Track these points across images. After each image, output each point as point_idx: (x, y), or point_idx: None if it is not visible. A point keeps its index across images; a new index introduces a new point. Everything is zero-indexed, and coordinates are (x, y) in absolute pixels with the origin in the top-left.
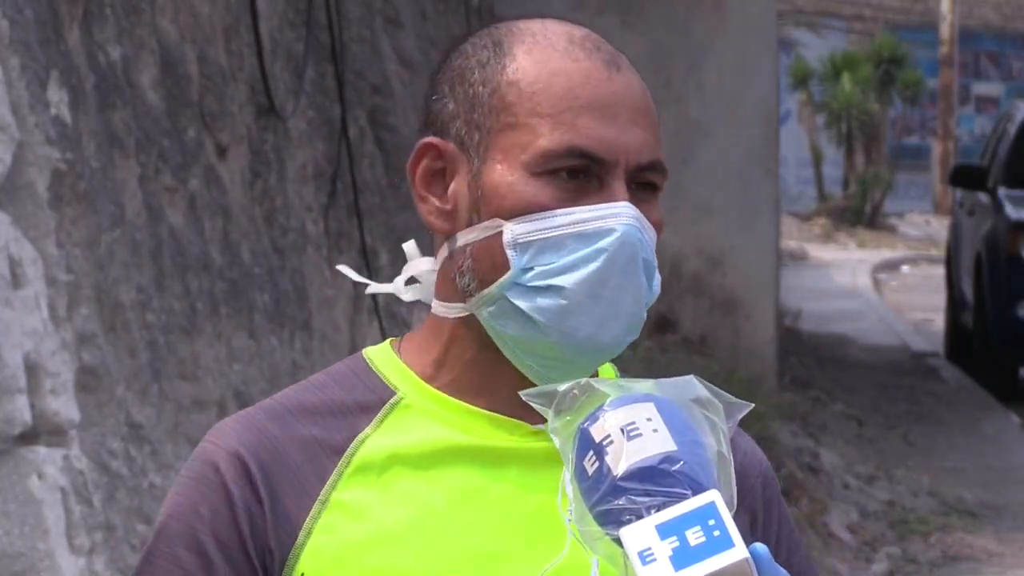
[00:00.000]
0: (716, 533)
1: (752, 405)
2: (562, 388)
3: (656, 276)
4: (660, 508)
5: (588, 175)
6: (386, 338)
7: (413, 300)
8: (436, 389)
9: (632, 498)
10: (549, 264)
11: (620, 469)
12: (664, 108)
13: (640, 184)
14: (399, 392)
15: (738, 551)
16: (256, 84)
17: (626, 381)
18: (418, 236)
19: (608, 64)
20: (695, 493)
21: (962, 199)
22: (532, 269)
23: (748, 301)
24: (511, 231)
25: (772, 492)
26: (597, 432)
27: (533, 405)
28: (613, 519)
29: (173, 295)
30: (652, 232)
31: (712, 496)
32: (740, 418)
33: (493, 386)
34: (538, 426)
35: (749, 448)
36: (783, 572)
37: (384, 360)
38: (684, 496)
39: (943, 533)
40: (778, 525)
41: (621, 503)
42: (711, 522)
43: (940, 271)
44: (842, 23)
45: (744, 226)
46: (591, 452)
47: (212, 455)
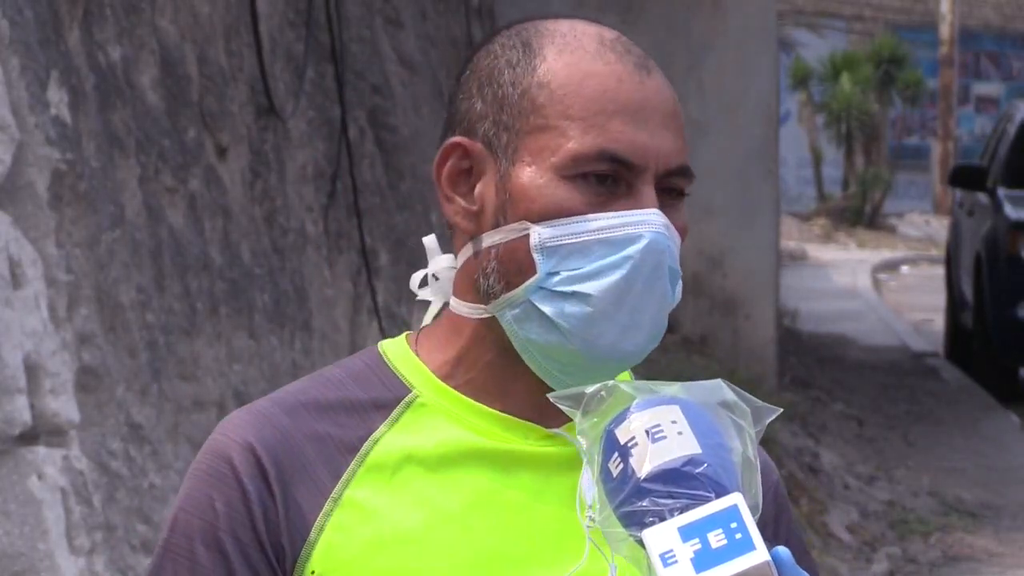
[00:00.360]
0: (738, 536)
1: (780, 410)
2: (589, 390)
3: (678, 288)
4: (683, 510)
5: (617, 180)
6: (385, 338)
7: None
8: (452, 388)
9: (655, 500)
10: (576, 269)
11: (644, 471)
12: None
13: (666, 189)
14: (415, 390)
15: (759, 554)
16: (256, 84)
17: (653, 384)
18: (418, 236)
19: (639, 67)
20: (718, 496)
21: (962, 199)
22: (558, 274)
23: (748, 301)
24: (538, 234)
25: (783, 503)
26: (622, 434)
27: (560, 407)
28: (636, 520)
29: (173, 295)
30: (678, 238)
31: (735, 499)
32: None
33: (510, 389)
34: (552, 430)
35: (762, 459)
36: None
37: (400, 356)
38: (707, 499)
39: (943, 533)
40: (787, 532)
41: (644, 505)
42: (733, 525)
43: (940, 271)
44: (842, 23)
45: (744, 226)
46: (616, 454)
47: (225, 448)
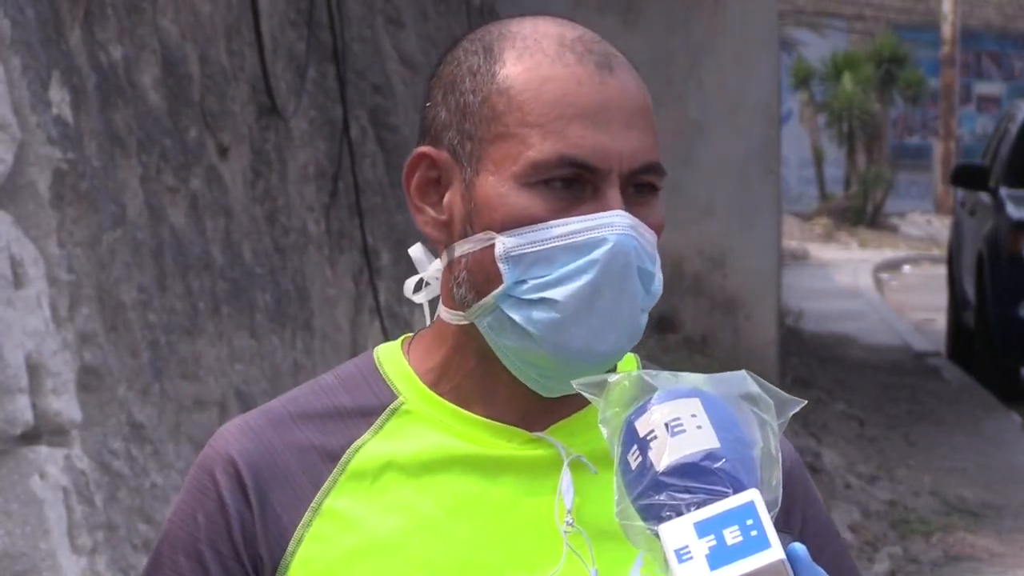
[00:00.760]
0: (753, 533)
1: (804, 402)
2: (612, 379)
3: (658, 277)
4: (700, 505)
5: (581, 184)
6: (387, 338)
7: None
8: (438, 395)
9: (672, 494)
10: (542, 277)
11: (662, 465)
12: (665, 108)
13: (638, 186)
14: (401, 397)
15: (774, 552)
16: (257, 84)
17: (676, 374)
18: (419, 237)
19: (600, 67)
20: (736, 491)
21: (963, 199)
22: (525, 282)
23: (749, 301)
24: (503, 244)
25: (797, 488)
26: (642, 426)
27: (584, 394)
28: (654, 514)
29: (174, 295)
30: (651, 235)
31: (751, 496)
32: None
33: (493, 394)
34: (536, 434)
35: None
36: (822, 573)
37: (392, 362)
38: (724, 494)
39: (945, 533)
40: (803, 521)
41: (662, 499)
42: (749, 522)
43: (942, 271)
44: (843, 23)
45: (745, 226)
46: (635, 446)
47: (210, 462)
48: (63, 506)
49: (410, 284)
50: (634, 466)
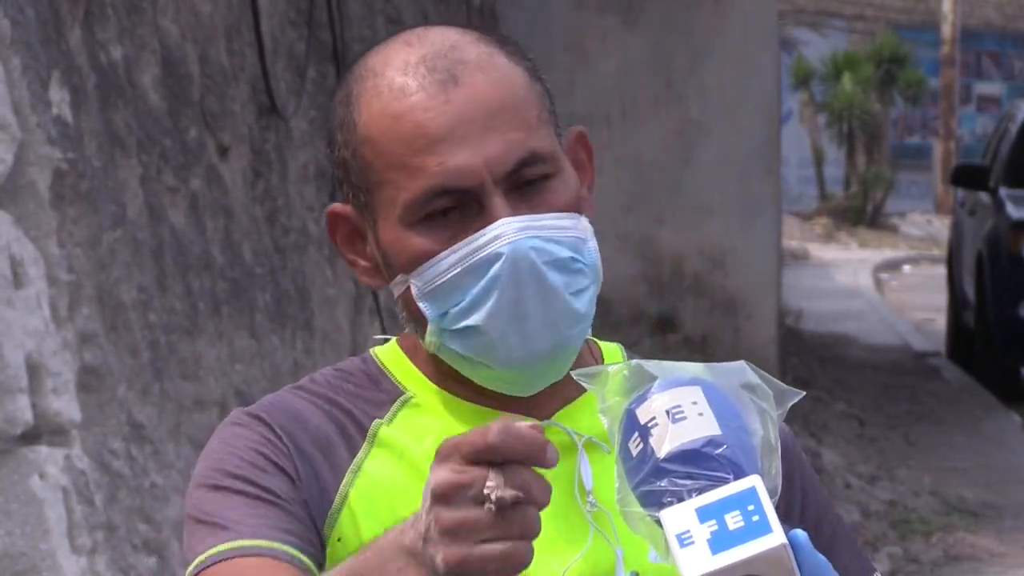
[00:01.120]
0: (755, 518)
1: (803, 393)
2: (612, 369)
3: (588, 247)
4: (701, 491)
5: (464, 206)
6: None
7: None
8: (443, 390)
9: (674, 480)
10: (458, 304)
11: (663, 451)
12: (665, 108)
13: (525, 183)
14: (408, 391)
15: (775, 537)
16: (257, 84)
17: (676, 364)
18: None
19: (444, 84)
20: (737, 478)
21: (963, 199)
22: (447, 314)
23: (749, 301)
24: (415, 286)
25: (794, 462)
26: (643, 414)
27: (583, 385)
28: (655, 500)
29: (175, 295)
30: (555, 220)
31: (753, 481)
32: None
33: (488, 391)
34: (545, 422)
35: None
36: (822, 559)
37: (392, 360)
38: (726, 480)
39: (945, 533)
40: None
41: (663, 485)
42: (751, 507)
43: (941, 271)
44: (843, 23)
45: (745, 226)
46: (636, 433)
47: (235, 420)
48: (63, 506)
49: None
50: (635, 453)
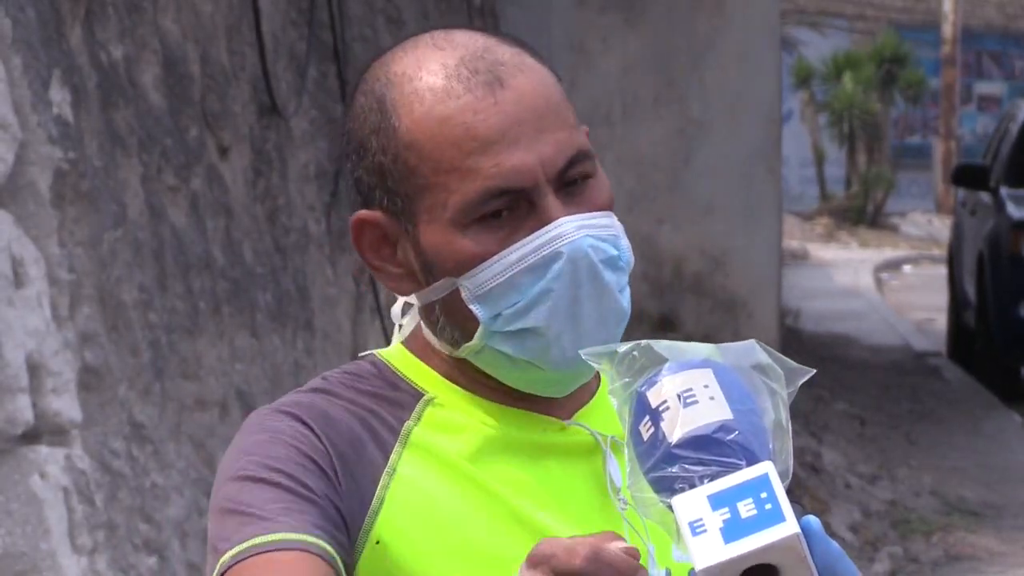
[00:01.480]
0: (768, 507)
1: (813, 371)
2: (622, 349)
3: (623, 246)
4: (713, 478)
5: (516, 206)
6: (388, 338)
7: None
8: (462, 389)
9: (686, 466)
10: (514, 305)
11: (675, 437)
12: (666, 107)
13: (569, 182)
14: (428, 392)
15: (789, 526)
16: (258, 83)
17: (686, 344)
18: None
19: (490, 86)
20: (749, 464)
21: (964, 198)
22: (500, 315)
23: (750, 301)
24: (466, 288)
25: None
26: (654, 397)
27: (592, 364)
28: (667, 486)
29: (175, 294)
30: (603, 218)
31: (766, 468)
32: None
33: (511, 392)
34: (568, 422)
35: None
36: (835, 546)
37: (404, 362)
38: (738, 466)
39: (945, 533)
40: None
41: (675, 471)
42: (763, 495)
43: (942, 271)
44: (844, 22)
45: (746, 225)
46: (647, 417)
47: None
48: (63, 506)
49: (397, 309)
50: (646, 437)
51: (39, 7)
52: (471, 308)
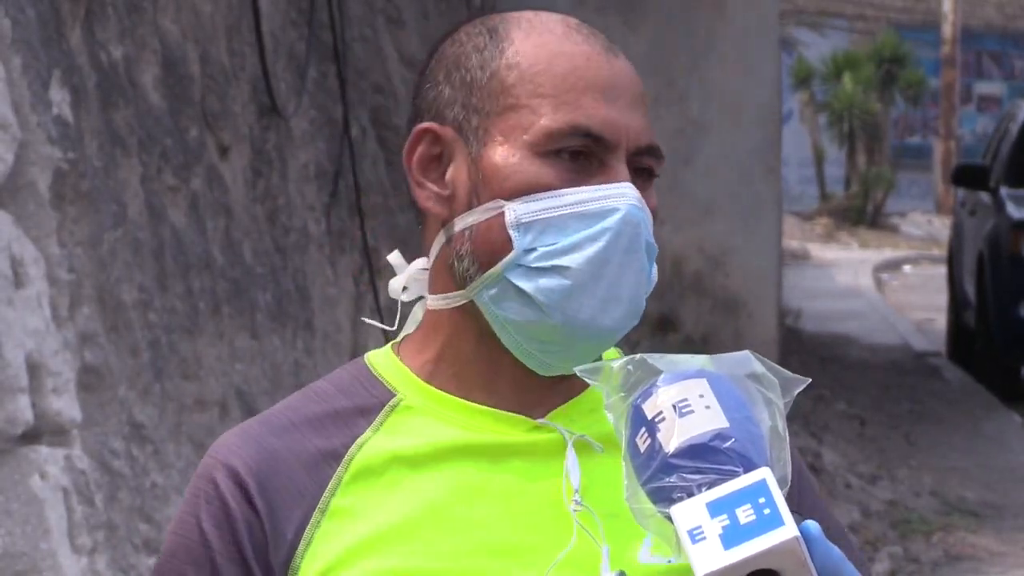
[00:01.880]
0: (766, 511)
1: (808, 380)
2: (616, 364)
3: (654, 266)
4: (711, 486)
5: (589, 156)
6: (388, 337)
7: (413, 299)
8: (436, 388)
9: (683, 475)
10: (552, 244)
11: (671, 446)
12: (666, 107)
13: (636, 170)
14: (399, 394)
15: (788, 530)
16: (258, 83)
17: (680, 356)
18: (419, 236)
19: (606, 50)
20: (746, 471)
21: (964, 199)
22: (535, 250)
23: (750, 301)
24: (513, 211)
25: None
26: (649, 409)
27: (586, 380)
28: (664, 496)
29: (175, 294)
30: (650, 215)
31: (763, 474)
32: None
33: (493, 380)
34: (540, 420)
35: None
36: (835, 550)
37: (384, 363)
38: (736, 473)
39: (945, 533)
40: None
41: (672, 480)
42: (761, 500)
43: (942, 271)
44: (844, 22)
45: (746, 226)
46: (643, 429)
47: (210, 470)
48: (63, 506)
49: (395, 285)
50: (643, 449)
51: (39, 7)
52: (509, 233)
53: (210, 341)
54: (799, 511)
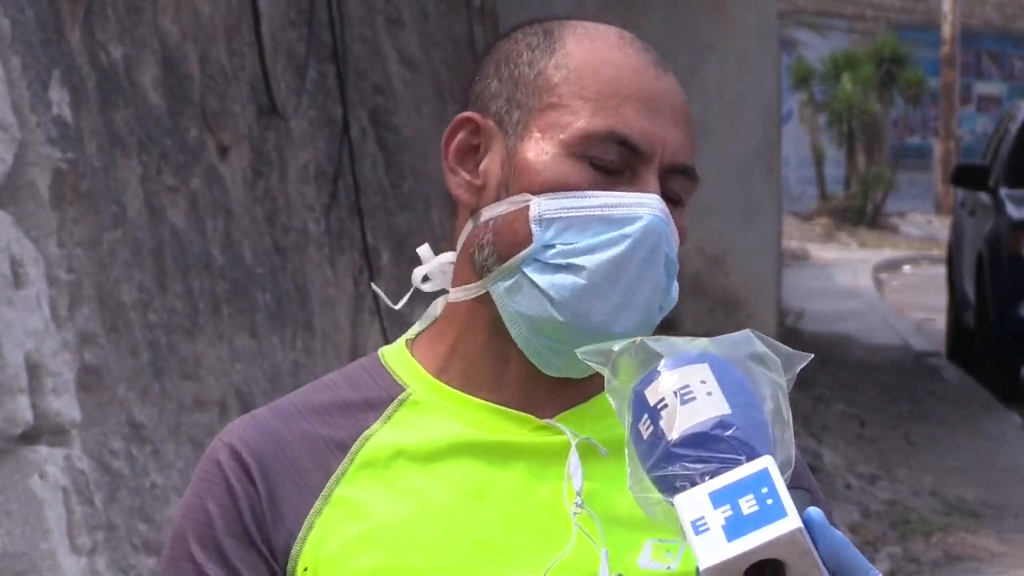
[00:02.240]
0: (769, 502)
1: (811, 356)
2: (618, 347)
3: (675, 285)
4: (714, 474)
5: (622, 166)
6: (387, 337)
7: (435, 291)
8: (445, 384)
9: (686, 465)
10: (571, 244)
11: (674, 435)
12: None
13: (669, 190)
14: (408, 388)
15: (791, 521)
16: (258, 84)
17: (681, 340)
18: (420, 236)
19: (656, 65)
20: (749, 458)
21: (964, 199)
22: (554, 246)
23: (750, 301)
24: (538, 205)
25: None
26: (651, 395)
27: (588, 363)
28: (668, 485)
29: (175, 295)
30: (676, 233)
31: (765, 463)
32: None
33: (502, 378)
34: (546, 420)
35: None
36: (839, 535)
37: (396, 358)
38: (738, 462)
39: (945, 533)
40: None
41: (675, 469)
42: (764, 490)
43: (941, 271)
44: (844, 23)
45: (746, 226)
46: (646, 415)
47: (215, 452)
48: (63, 506)
49: (418, 274)
50: (646, 436)
51: (39, 7)
52: (531, 227)
53: (210, 341)
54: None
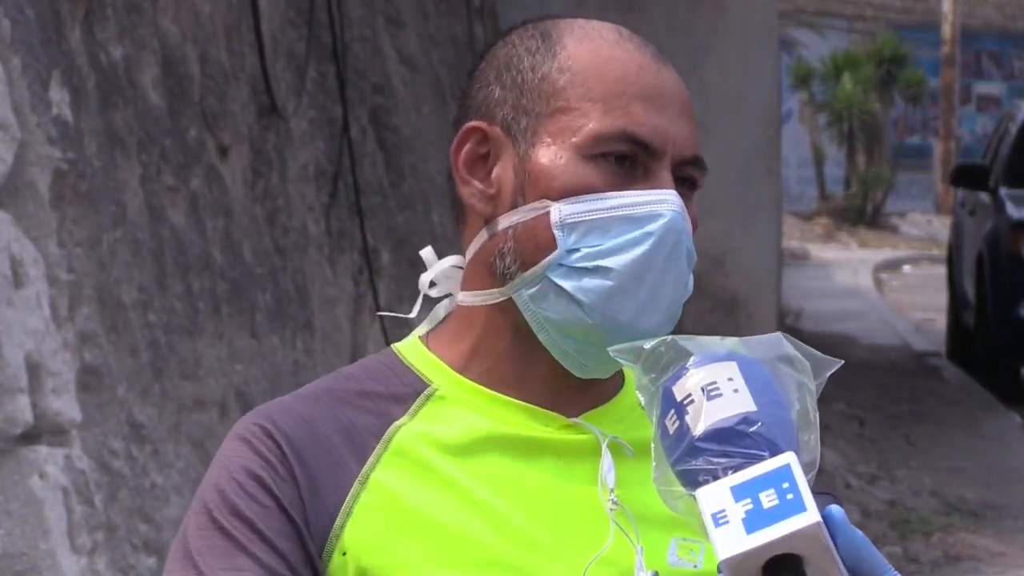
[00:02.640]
0: (789, 496)
1: (841, 362)
2: (648, 345)
3: (691, 275)
4: (736, 469)
5: (635, 163)
6: (387, 337)
7: (441, 296)
8: (470, 380)
9: (709, 459)
10: (596, 246)
11: (698, 429)
12: None
13: (679, 180)
14: (433, 384)
15: (810, 515)
16: (258, 84)
17: (711, 339)
18: (420, 236)
19: (657, 59)
20: (772, 455)
21: (964, 199)
22: (578, 250)
23: (750, 301)
24: (559, 211)
25: None
26: (679, 391)
27: (620, 361)
28: (692, 479)
29: (175, 295)
30: (691, 226)
31: (788, 459)
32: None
33: (527, 378)
34: (573, 419)
35: None
36: (859, 534)
37: (415, 354)
38: (761, 457)
39: (945, 533)
40: None
41: (699, 464)
42: (785, 485)
43: (941, 271)
44: (844, 23)
45: (746, 226)
46: (672, 411)
47: (242, 431)
48: (63, 506)
49: (425, 279)
50: (671, 431)
51: (38, 7)
52: (554, 233)
53: (210, 341)
54: None
